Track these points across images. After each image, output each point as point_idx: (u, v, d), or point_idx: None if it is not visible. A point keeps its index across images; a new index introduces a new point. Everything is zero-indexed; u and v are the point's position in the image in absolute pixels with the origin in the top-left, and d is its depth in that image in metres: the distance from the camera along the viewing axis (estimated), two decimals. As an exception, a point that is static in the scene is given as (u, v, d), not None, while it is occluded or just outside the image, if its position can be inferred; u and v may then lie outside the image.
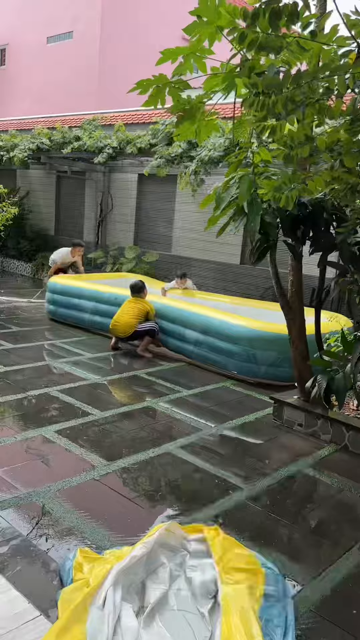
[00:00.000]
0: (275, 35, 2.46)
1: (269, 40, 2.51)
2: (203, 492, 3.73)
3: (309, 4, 2.40)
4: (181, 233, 11.11)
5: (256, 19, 2.43)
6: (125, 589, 2.51)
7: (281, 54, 2.65)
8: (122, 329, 6.99)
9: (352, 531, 3.40)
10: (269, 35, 2.49)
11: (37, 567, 2.78)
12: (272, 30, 2.46)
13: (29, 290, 11.41)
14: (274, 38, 2.48)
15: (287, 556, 3.08)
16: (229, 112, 9.69)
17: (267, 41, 2.50)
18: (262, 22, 2.44)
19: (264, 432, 4.89)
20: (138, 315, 6.98)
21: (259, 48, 2.48)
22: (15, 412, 4.84)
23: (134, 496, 3.58)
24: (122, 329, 6.99)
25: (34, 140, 11.63)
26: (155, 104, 2.91)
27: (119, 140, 10.29)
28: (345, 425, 4.63)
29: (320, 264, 4.69)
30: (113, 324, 7.07)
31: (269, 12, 2.41)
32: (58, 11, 20.28)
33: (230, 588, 2.55)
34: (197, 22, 2.98)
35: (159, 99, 2.91)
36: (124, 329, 6.98)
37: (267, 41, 2.49)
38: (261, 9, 2.46)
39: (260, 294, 9.63)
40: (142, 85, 2.82)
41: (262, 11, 2.45)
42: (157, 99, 2.89)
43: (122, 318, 6.98)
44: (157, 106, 2.95)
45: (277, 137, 2.67)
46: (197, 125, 3.12)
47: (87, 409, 5.03)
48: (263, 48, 2.48)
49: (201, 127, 3.17)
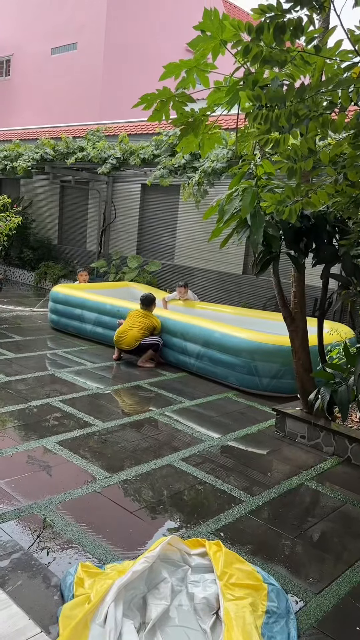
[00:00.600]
0: (280, 49, 2.47)
1: (273, 54, 2.52)
2: (205, 505, 3.70)
3: (313, 19, 2.42)
4: (184, 243, 11.13)
5: (261, 33, 2.44)
6: (127, 604, 2.49)
7: (285, 67, 2.66)
8: (128, 342, 6.95)
9: (354, 545, 3.37)
10: (273, 49, 2.50)
11: (38, 581, 2.76)
12: (276, 44, 2.47)
13: (31, 300, 11.42)
14: (278, 52, 2.49)
15: (290, 571, 3.05)
16: (232, 124, 9.74)
17: (272, 55, 2.51)
18: (266, 36, 2.46)
19: (267, 444, 4.86)
20: (145, 330, 6.96)
21: (263, 61, 2.49)
22: (17, 422, 4.82)
23: (136, 509, 3.56)
24: (127, 342, 6.96)
25: (37, 150, 11.70)
26: (160, 119, 2.92)
27: (122, 151, 10.34)
28: (348, 437, 4.61)
29: (323, 276, 4.69)
30: (118, 336, 7.05)
31: (273, 26, 2.42)
32: (62, 22, 20.46)
33: (232, 604, 2.52)
34: (201, 37, 3.00)
35: (163, 114, 2.92)
36: (129, 342, 6.94)
37: (271, 55, 2.51)
38: (265, 23, 2.48)
39: (263, 305, 9.62)
40: (146, 100, 2.83)
41: (267, 25, 2.46)
42: (162, 114, 2.91)
43: (129, 332, 6.95)
44: (161, 120, 2.96)
45: (280, 150, 2.68)
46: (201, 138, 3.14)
47: (89, 419, 5.02)
48: (267, 62, 2.50)
49: (204, 140, 3.18)
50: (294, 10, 2.36)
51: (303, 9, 2.36)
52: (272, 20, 2.46)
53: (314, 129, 2.67)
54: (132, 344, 6.95)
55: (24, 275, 13.77)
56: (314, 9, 2.37)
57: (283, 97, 2.54)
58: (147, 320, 7.03)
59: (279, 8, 2.40)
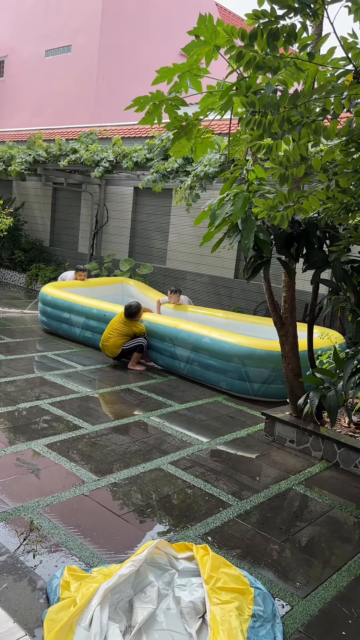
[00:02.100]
0: (273, 55, 2.49)
1: (267, 60, 2.54)
2: (193, 508, 3.70)
3: (306, 26, 2.44)
4: (176, 247, 11.14)
5: (254, 39, 2.46)
6: (113, 608, 2.48)
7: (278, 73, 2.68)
8: (111, 349, 6.96)
9: (341, 550, 3.38)
10: (266, 55, 2.52)
11: (24, 584, 2.74)
12: (269, 51, 2.49)
13: (22, 301, 11.37)
14: (271, 58, 2.51)
15: (277, 575, 3.05)
16: (224, 128, 9.79)
17: (265, 61, 2.53)
18: (259, 42, 2.48)
19: (255, 448, 4.87)
20: (124, 336, 6.92)
21: (257, 67, 2.51)
22: (5, 424, 4.79)
23: (124, 512, 3.55)
24: (110, 350, 6.97)
25: (30, 152, 11.67)
26: (152, 122, 2.93)
27: (115, 154, 10.35)
28: (337, 442, 4.63)
29: (313, 281, 4.71)
30: (102, 343, 7.05)
31: (266, 32, 2.44)
32: (57, 25, 20.47)
33: (219, 608, 2.51)
34: (195, 42, 3.02)
35: (155, 117, 2.93)
36: (112, 350, 6.95)
37: (264, 61, 2.52)
38: (259, 29, 2.50)
39: (254, 309, 9.65)
40: (139, 103, 2.84)
41: (260, 31, 2.48)
42: (154, 117, 2.92)
43: (110, 339, 6.92)
44: (153, 124, 2.97)
45: (272, 156, 2.69)
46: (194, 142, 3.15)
47: (78, 422, 5.00)
48: (260, 67, 2.51)
49: (197, 145, 3.19)
50: (288, 17, 2.38)
51: (297, 16, 2.38)
52: (265, 27, 2.48)
53: (307, 136, 2.69)
54: (115, 352, 6.94)
55: (15, 277, 13.71)
56: (307, 16, 2.39)
57: (277, 104, 2.56)
58: (126, 328, 6.95)
59: (272, 14, 2.42)
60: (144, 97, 2.87)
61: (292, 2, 2.35)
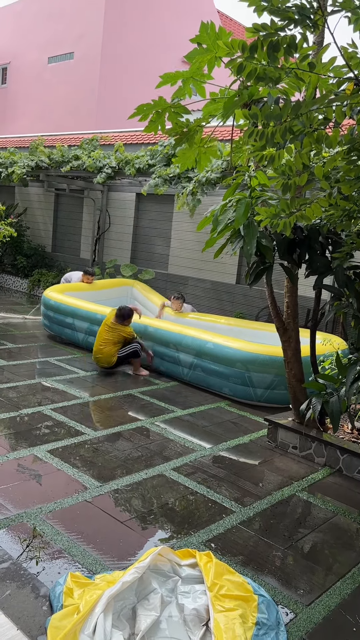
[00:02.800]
0: (274, 66, 2.51)
1: (267, 71, 2.56)
2: (196, 515, 3.70)
3: (307, 37, 2.46)
4: (178, 252, 11.17)
5: (254, 51, 2.48)
6: (116, 615, 2.47)
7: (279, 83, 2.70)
8: (106, 360, 6.84)
9: (345, 557, 3.37)
10: (267, 66, 2.54)
11: (27, 591, 2.74)
12: (270, 62, 2.51)
13: (24, 307, 11.40)
14: (272, 69, 2.53)
15: (280, 582, 3.05)
16: (227, 135, 9.83)
17: (265, 72, 2.55)
18: (260, 54, 2.49)
19: (258, 454, 4.86)
20: (116, 343, 6.81)
21: (257, 79, 2.53)
22: (8, 430, 4.80)
23: (126, 519, 3.54)
24: (105, 360, 6.84)
25: (32, 158, 11.73)
26: (156, 130, 2.95)
27: (117, 160, 10.39)
28: (340, 448, 4.62)
29: (316, 287, 4.72)
30: (95, 356, 6.92)
31: (267, 44, 2.46)
32: (59, 32, 20.59)
33: (222, 615, 2.51)
34: (198, 49, 3.04)
35: (158, 125, 2.95)
36: (108, 360, 6.84)
37: (265, 72, 2.54)
38: (259, 42, 2.51)
39: (256, 315, 9.65)
40: (142, 111, 2.86)
41: (261, 44, 2.50)
42: (157, 125, 2.93)
43: (104, 350, 6.80)
44: (157, 132, 2.99)
45: (275, 166, 2.71)
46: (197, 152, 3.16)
47: (80, 428, 5.00)
48: (261, 79, 2.53)
49: (201, 155, 3.21)
50: (288, 29, 2.40)
51: (297, 27, 2.40)
52: (266, 39, 2.50)
53: (309, 145, 2.71)
54: (111, 361, 6.84)
55: (17, 283, 13.75)
56: (307, 27, 2.41)
57: (279, 115, 2.57)
58: (116, 334, 6.83)
59: (273, 27, 2.43)
60: (147, 105, 2.89)
61: (292, 14, 2.38)
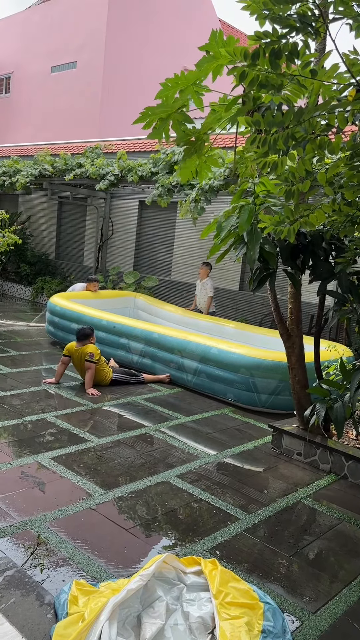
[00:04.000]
0: (276, 73, 2.52)
1: (270, 78, 2.57)
2: (200, 522, 3.68)
3: (308, 44, 2.48)
4: (181, 259, 11.19)
5: (256, 59, 2.49)
6: (121, 623, 2.46)
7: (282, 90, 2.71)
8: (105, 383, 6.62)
9: (351, 564, 3.35)
10: (269, 73, 2.55)
11: (32, 599, 2.73)
12: (272, 69, 2.52)
13: (28, 314, 11.42)
14: (274, 76, 2.54)
15: (286, 590, 3.03)
16: (228, 142, 9.87)
17: (268, 79, 2.56)
18: (262, 61, 2.51)
19: (263, 461, 4.84)
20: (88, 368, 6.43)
21: (260, 86, 2.54)
22: (11, 437, 4.80)
23: (131, 526, 3.53)
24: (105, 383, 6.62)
25: (36, 167, 11.80)
26: (160, 137, 2.96)
27: (120, 168, 10.44)
28: (345, 455, 4.60)
29: (319, 293, 4.72)
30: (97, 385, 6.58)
31: (269, 52, 2.47)
32: (62, 41, 20.77)
33: (228, 623, 2.49)
34: (207, 57, 3.06)
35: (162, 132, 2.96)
36: (106, 382, 6.64)
37: (267, 79, 2.55)
38: (261, 49, 2.53)
39: (259, 321, 9.65)
40: (147, 116, 2.87)
41: (263, 51, 2.51)
42: (161, 132, 2.95)
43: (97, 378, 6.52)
44: (161, 139, 3.00)
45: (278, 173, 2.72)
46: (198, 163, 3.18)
47: (84, 435, 4.99)
48: (264, 86, 2.54)
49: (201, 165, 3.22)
50: (290, 36, 2.42)
51: (299, 35, 2.42)
52: (267, 46, 2.52)
53: (311, 151, 2.72)
54: (103, 382, 6.63)
55: (20, 290, 13.79)
56: (309, 34, 2.42)
57: (282, 122, 2.58)
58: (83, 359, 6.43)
59: (275, 34, 2.45)
60: (153, 108, 2.90)
61: (293, 22, 2.39)
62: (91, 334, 6.58)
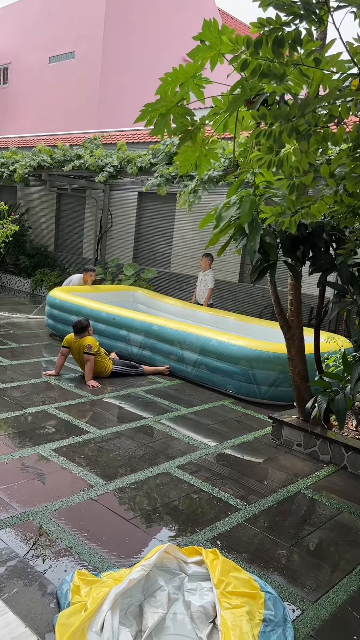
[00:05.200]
0: (279, 62, 2.50)
1: (272, 67, 2.55)
2: (201, 513, 3.70)
3: (312, 33, 2.45)
4: (180, 251, 11.17)
5: (259, 46, 2.47)
6: (123, 612, 2.48)
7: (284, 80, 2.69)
8: (105, 375, 6.65)
9: (351, 554, 3.37)
10: (271, 62, 2.53)
11: (34, 589, 2.74)
12: (274, 58, 2.50)
13: (27, 307, 11.41)
14: (276, 65, 2.52)
15: (286, 579, 3.05)
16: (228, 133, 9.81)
17: (270, 68, 2.54)
18: (265, 49, 2.49)
19: (263, 452, 4.86)
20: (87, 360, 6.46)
21: (262, 75, 2.52)
22: (12, 429, 4.80)
23: (132, 517, 3.55)
24: (105, 375, 6.65)
25: (35, 158, 11.73)
26: (162, 133, 2.94)
27: (119, 159, 10.39)
28: (345, 446, 4.61)
29: (320, 284, 4.72)
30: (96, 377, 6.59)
31: (271, 40, 2.45)
32: (60, 31, 20.59)
33: (229, 612, 2.51)
34: (200, 47, 3.03)
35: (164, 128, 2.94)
36: (107, 374, 6.66)
37: (269, 68, 2.53)
38: (264, 37, 2.51)
39: (259, 313, 9.65)
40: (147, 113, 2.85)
41: (265, 39, 2.49)
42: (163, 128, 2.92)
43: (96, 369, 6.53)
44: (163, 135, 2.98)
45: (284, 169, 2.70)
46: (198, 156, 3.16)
47: (85, 426, 5.00)
48: (266, 75, 2.52)
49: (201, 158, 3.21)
50: (293, 24, 2.39)
51: (302, 23, 2.39)
52: (270, 34, 2.49)
53: (315, 144, 2.70)
54: (103, 373, 6.65)
55: (19, 283, 13.76)
56: (313, 22, 2.40)
57: (288, 114, 2.56)
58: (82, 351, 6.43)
59: (278, 21, 2.43)
60: (153, 105, 2.88)
61: (297, 9, 2.37)
62: (88, 326, 6.56)
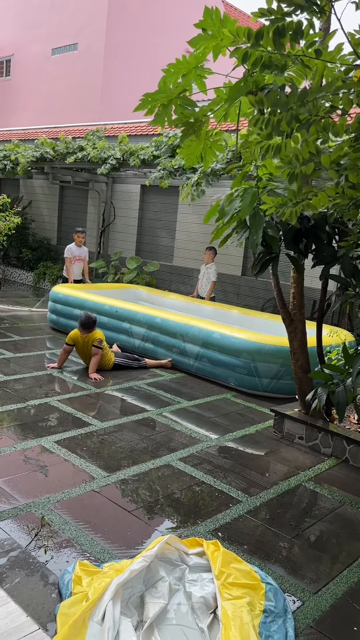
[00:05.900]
0: (280, 53, 2.48)
1: (273, 58, 2.53)
2: (203, 505, 3.71)
3: (313, 23, 2.43)
4: (183, 244, 11.15)
5: (260, 38, 2.45)
6: (125, 603, 2.50)
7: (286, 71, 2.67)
8: (107, 368, 6.65)
9: (352, 546, 3.39)
10: (272, 53, 2.51)
11: (36, 579, 2.77)
12: (276, 49, 2.48)
13: (30, 300, 11.43)
14: (278, 56, 2.50)
15: (287, 571, 3.06)
16: (232, 125, 9.76)
17: (271, 59, 2.52)
18: (266, 40, 2.47)
19: (264, 445, 4.87)
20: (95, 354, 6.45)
21: (263, 66, 2.50)
22: (15, 421, 4.83)
23: (134, 508, 3.57)
24: (107, 368, 6.65)
25: (37, 150, 11.71)
26: (162, 123, 2.93)
27: (122, 152, 10.35)
28: (346, 439, 4.62)
29: (322, 277, 4.71)
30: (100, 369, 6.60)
31: (272, 30, 2.43)
32: (63, 23, 20.47)
33: (230, 603, 2.53)
34: (202, 35, 3.00)
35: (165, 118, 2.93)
36: (109, 367, 6.66)
37: (271, 59, 2.51)
38: (265, 27, 2.49)
39: (261, 306, 9.64)
40: (147, 102, 2.84)
41: (266, 30, 2.47)
42: (164, 118, 2.91)
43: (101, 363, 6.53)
44: (164, 125, 2.97)
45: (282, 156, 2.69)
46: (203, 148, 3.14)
47: (87, 419, 5.02)
48: (267, 67, 2.50)
49: (206, 150, 3.19)
50: (295, 14, 2.37)
51: (303, 13, 2.37)
52: (272, 24, 2.47)
53: (315, 133, 2.68)
54: (106, 366, 6.65)
55: (22, 276, 13.77)
56: (314, 13, 2.38)
57: (286, 102, 2.55)
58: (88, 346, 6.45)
59: (279, 11, 2.41)
60: (153, 94, 2.86)
61: (298, 0, 2.35)
62: (96, 321, 6.60)
